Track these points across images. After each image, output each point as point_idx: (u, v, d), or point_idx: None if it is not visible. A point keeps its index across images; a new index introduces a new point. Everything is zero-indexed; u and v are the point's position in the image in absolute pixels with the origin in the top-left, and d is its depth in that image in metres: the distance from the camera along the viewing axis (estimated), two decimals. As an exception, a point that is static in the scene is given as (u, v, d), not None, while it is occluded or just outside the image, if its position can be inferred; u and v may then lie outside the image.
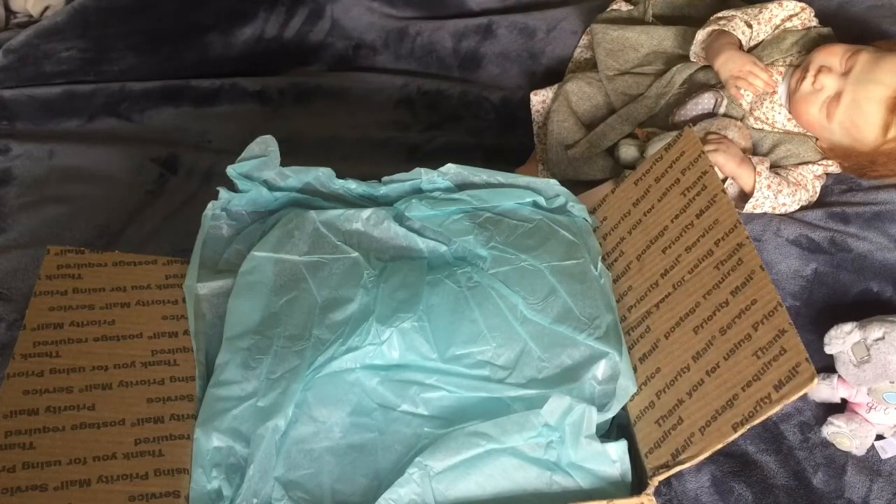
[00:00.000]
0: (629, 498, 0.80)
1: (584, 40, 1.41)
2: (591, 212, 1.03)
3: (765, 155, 1.18)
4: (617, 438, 0.84)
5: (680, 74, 1.23)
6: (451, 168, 1.00)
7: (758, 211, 1.13)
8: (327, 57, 1.50)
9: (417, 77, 1.47)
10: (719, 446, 0.76)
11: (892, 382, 0.95)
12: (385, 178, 1.01)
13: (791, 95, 1.15)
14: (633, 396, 0.86)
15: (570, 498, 0.81)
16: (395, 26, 1.48)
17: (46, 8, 1.51)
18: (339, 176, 1.01)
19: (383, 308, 0.89)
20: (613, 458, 0.83)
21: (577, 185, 1.12)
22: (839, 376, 0.99)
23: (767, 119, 1.19)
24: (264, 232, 0.98)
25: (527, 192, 1.00)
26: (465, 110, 1.43)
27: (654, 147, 1.14)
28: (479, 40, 1.47)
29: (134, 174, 1.30)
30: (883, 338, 0.94)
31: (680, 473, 0.90)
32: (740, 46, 1.18)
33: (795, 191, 1.13)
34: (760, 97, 1.18)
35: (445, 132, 1.41)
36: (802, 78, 1.13)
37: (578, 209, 1.01)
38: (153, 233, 1.22)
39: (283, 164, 1.00)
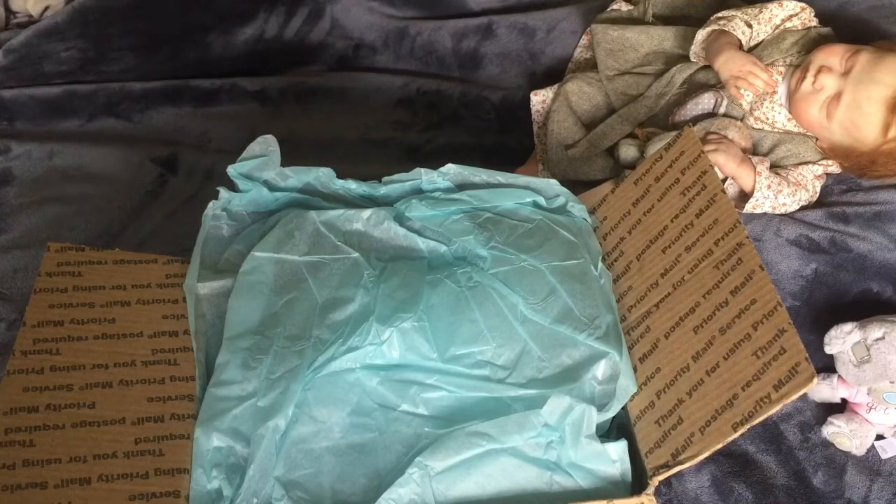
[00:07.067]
0: (629, 498, 0.80)
1: (584, 40, 1.41)
2: (591, 212, 1.03)
3: (765, 155, 1.18)
4: (617, 438, 0.84)
5: (680, 74, 1.23)
6: (451, 168, 1.00)
7: (758, 211, 1.13)
8: (327, 57, 1.50)
9: (417, 77, 1.47)
10: (719, 446, 0.76)
11: (892, 382, 0.95)
12: (385, 179, 1.01)
13: (791, 95, 1.15)
14: (633, 396, 0.86)
15: (570, 498, 0.81)
16: (395, 26, 1.48)
17: (46, 8, 1.51)
18: (340, 176, 1.01)
19: (383, 308, 0.89)
20: (613, 458, 0.83)
21: (577, 185, 1.12)
22: (839, 376, 0.99)
23: (767, 119, 1.19)
24: (265, 232, 0.98)
25: (527, 192, 1.00)
26: (465, 110, 1.43)
27: (654, 147, 1.14)
28: (479, 40, 1.47)
29: (134, 174, 1.30)
30: (883, 338, 0.94)
31: (680, 473, 0.90)
32: (740, 46, 1.18)
33: (795, 191, 1.13)
34: (760, 97, 1.18)
35: (445, 132, 1.41)
36: (802, 78, 1.13)
37: (578, 209, 1.01)
38: (153, 233, 1.22)
39: (284, 164, 1.00)
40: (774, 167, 1.16)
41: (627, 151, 1.20)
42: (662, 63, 1.29)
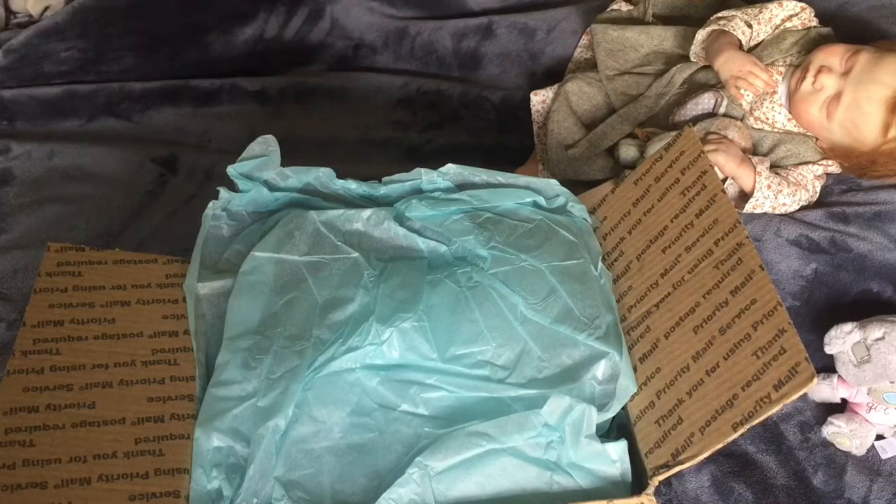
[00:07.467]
0: (629, 498, 0.80)
1: (584, 40, 1.41)
2: (591, 212, 1.03)
3: (765, 155, 1.18)
4: (617, 438, 0.84)
5: (680, 74, 1.23)
6: (451, 168, 1.00)
7: (758, 211, 1.13)
8: (327, 57, 1.50)
9: (417, 77, 1.47)
10: (719, 446, 0.76)
11: (892, 382, 0.95)
12: (385, 179, 1.01)
13: (791, 95, 1.15)
14: (633, 396, 0.86)
15: (570, 498, 0.81)
16: (395, 26, 1.48)
17: (46, 8, 1.51)
18: (340, 176, 1.01)
19: (383, 308, 0.89)
20: (613, 458, 0.83)
21: (577, 185, 1.12)
22: (839, 376, 0.99)
23: (767, 119, 1.19)
24: (265, 232, 0.98)
25: (527, 192, 1.00)
26: (465, 110, 1.43)
27: (654, 147, 1.14)
28: (479, 40, 1.47)
29: (134, 174, 1.30)
30: (883, 338, 0.94)
31: (680, 473, 0.90)
32: (740, 46, 1.18)
33: (795, 191, 1.13)
34: (760, 97, 1.18)
35: (445, 132, 1.41)
36: (802, 78, 1.13)
37: (578, 209, 1.01)
38: (153, 233, 1.22)
39: (284, 164, 1.00)
40: (774, 167, 1.16)
41: (627, 151, 1.20)
42: (662, 63, 1.29)
